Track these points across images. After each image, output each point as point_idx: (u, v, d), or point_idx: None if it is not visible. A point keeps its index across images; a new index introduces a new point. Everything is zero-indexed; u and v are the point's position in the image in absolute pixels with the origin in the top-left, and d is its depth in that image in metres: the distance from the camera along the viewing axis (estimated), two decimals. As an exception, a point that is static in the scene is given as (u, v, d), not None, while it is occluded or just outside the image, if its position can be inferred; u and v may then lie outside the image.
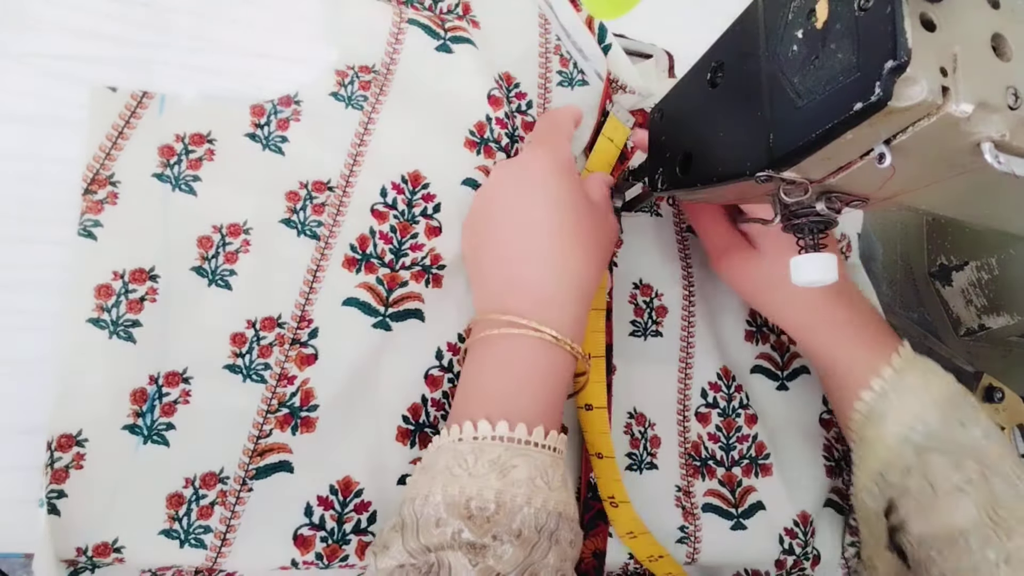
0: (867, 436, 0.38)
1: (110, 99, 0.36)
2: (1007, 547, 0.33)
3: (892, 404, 0.37)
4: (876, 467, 0.38)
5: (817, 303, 0.40)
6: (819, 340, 0.41)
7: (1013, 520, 0.34)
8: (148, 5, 0.39)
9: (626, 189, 0.45)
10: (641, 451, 0.41)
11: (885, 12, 0.21)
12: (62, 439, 0.31)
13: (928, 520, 0.36)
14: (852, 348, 0.40)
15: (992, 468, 0.35)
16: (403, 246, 0.39)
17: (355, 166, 0.40)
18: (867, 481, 0.39)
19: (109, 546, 0.31)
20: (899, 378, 0.38)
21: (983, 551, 0.34)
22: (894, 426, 0.37)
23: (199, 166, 0.37)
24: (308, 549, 0.33)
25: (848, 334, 0.40)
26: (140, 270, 0.35)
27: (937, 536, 0.35)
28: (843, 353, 0.40)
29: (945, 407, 0.37)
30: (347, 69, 0.42)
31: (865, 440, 0.39)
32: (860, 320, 0.40)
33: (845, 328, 0.40)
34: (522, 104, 0.45)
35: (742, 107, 0.28)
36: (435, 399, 0.38)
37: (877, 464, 0.38)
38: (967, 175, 0.25)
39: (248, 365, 0.35)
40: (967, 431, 0.36)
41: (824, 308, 0.40)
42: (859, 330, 0.40)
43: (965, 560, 0.34)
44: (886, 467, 0.37)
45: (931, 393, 0.37)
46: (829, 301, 0.40)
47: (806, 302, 0.40)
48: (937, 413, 0.37)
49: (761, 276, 0.41)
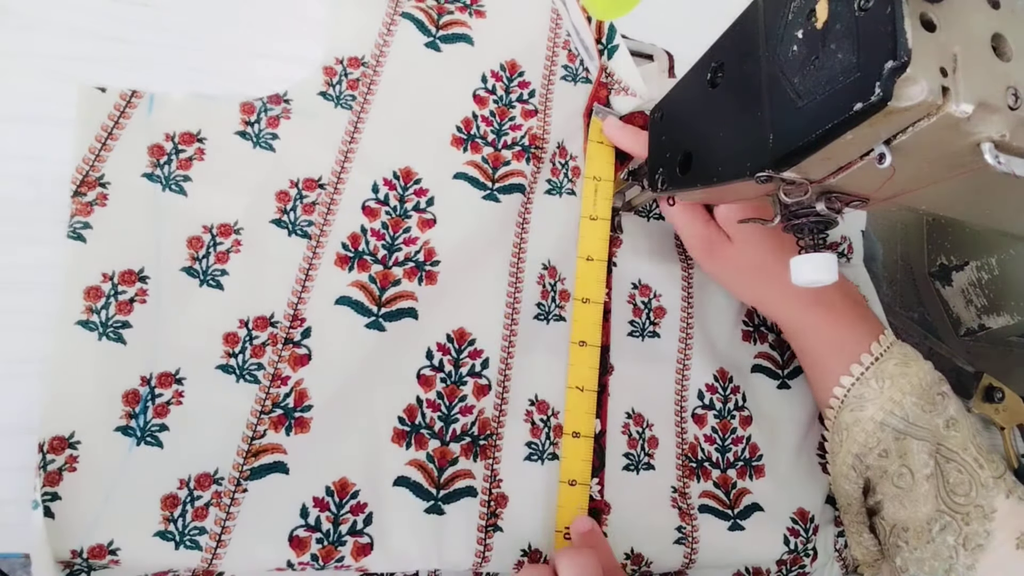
0: (845, 420, 0.39)
1: (99, 99, 0.36)
2: (964, 531, 0.35)
3: (872, 389, 0.38)
4: (854, 451, 0.39)
5: (800, 290, 0.40)
6: (803, 326, 0.41)
7: (970, 506, 0.36)
8: (147, 5, 0.39)
9: (626, 189, 0.44)
10: (639, 451, 0.41)
11: (885, 12, 0.21)
12: (54, 441, 0.31)
13: (904, 506, 0.37)
14: (834, 334, 0.40)
15: (947, 456, 0.37)
16: (396, 241, 0.39)
17: (346, 163, 0.40)
18: (844, 467, 0.39)
19: (104, 548, 0.31)
20: (879, 364, 0.38)
21: (943, 535, 0.36)
22: (873, 411, 0.38)
23: (189, 166, 0.37)
24: (304, 550, 0.33)
25: (830, 320, 0.40)
26: (129, 271, 0.34)
27: (907, 524, 0.37)
28: (825, 338, 0.40)
29: (921, 394, 0.38)
30: (336, 64, 0.42)
31: (843, 425, 0.39)
32: (843, 306, 0.41)
33: (827, 315, 0.41)
34: (524, 93, 0.45)
35: (742, 107, 0.28)
36: (430, 400, 0.37)
37: (855, 448, 0.38)
38: (967, 175, 0.25)
39: (241, 365, 0.35)
40: (931, 419, 0.37)
41: (807, 295, 0.41)
42: (840, 316, 0.40)
43: (929, 548, 0.36)
44: (864, 450, 0.38)
45: (909, 379, 0.38)
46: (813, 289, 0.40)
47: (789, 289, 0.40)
48: (914, 399, 0.37)
49: (738, 265, 0.42)
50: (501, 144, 0.43)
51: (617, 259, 0.45)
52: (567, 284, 0.43)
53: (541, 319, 0.41)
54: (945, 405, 0.38)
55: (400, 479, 0.36)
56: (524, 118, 0.44)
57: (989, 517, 0.35)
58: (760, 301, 0.43)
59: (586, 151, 0.44)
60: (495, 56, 0.45)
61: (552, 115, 0.45)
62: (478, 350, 0.39)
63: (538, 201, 0.43)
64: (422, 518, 0.35)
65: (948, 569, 0.36)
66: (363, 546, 0.34)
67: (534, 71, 0.46)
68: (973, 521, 0.35)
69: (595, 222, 0.43)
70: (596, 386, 0.40)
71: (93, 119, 0.36)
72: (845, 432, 0.39)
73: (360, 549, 0.34)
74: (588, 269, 0.42)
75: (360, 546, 0.34)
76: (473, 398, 0.38)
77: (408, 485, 0.36)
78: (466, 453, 0.37)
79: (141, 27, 0.39)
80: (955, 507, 0.36)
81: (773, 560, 0.41)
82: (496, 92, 0.45)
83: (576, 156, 0.45)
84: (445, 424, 0.37)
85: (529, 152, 0.43)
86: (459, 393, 0.38)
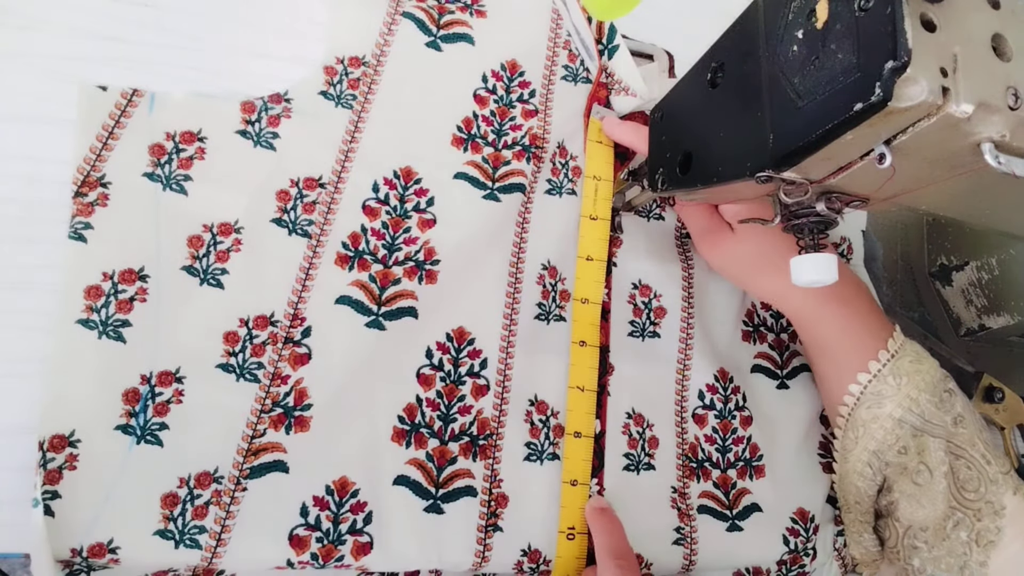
0: (862, 417, 0.39)
1: (100, 98, 0.36)
2: (976, 527, 0.35)
3: (889, 386, 0.38)
4: (872, 447, 0.38)
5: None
6: (818, 317, 0.41)
7: (981, 502, 0.36)
8: (147, 5, 0.39)
9: (626, 189, 0.44)
10: (639, 452, 0.41)
11: (885, 12, 0.21)
12: (55, 440, 0.31)
13: (921, 505, 0.37)
14: (851, 327, 0.40)
15: (956, 452, 0.37)
16: (396, 241, 0.39)
17: (347, 162, 0.40)
18: (859, 464, 0.39)
19: (104, 547, 0.31)
20: (895, 361, 0.38)
21: (956, 532, 0.36)
22: (892, 407, 0.37)
23: (190, 165, 0.37)
24: (303, 549, 0.33)
25: (846, 314, 0.40)
26: (130, 270, 0.35)
27: (926, 524, 0.37)
28: (840, 332, 0.40)
29: (933, 391, 0.38)
30: (336, 64, 0.42)
31: (859, 421, 0.39)
32: (858, 301, 0.41)
33: (843, 308, 0.40)
34: (524, 93, 0.45)
35: (742, 107, 0.28)
36: (429, 399, 0.38)
37: (873, 444, 0.38)
38: (967, 175, 0.25)
39: (241, 364, 0.35)
40: (943, 416, 0.37)
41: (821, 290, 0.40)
42: (856, 311, 0.40)
43: (944, 545, 0.36)
44: (882, 447, 0.38)
45: (923, 377, 0.38)
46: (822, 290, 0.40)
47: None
48: (928, 396, 0.37)
49: (740, 257, 0.42)
50: (501, 144, 0.43)
51: (617, 259, 0.45)
52: (567, 284, 0.43)
53: (542, 319, 0.41)
54: (952, 403, 0.38)
55: (400, 478, 0.36)
56: (524, 118, 0.44)
57: (999, 513, 0.35)
58: (771, 292, 0.42)
59: (586, 151, 0.44)
60: (496, 56, 0.45)
61: (552, 115, 0.45)
62: (477, 350, 0.39)
63: (538, 201, 0.43)
64: (421, 517, 0.35)
65: (963, 566, 0.36)
66: (363, 545, 0.34)
67: (535, 71, 0.46)
68: (984, 517, 0.36)
69: (595, 222, 0.43)
70: (596, 386, 0.40)
71: (94, 118, 0.36)
72: (862, 429, 0.39)
73: (360, 548, 0.34)
74: (588, 269, 0.42)
75: (360, 545, 0.34)
76: (471, 398, 0.38)
77: (408, 484, 0.36)
78: (465, 453, 0.37)
79: (141, 27, 0.39)
80: (966, 503, 0.36)
81: (773, 560, 0.41)
82: (497, 92, 0.45)
83: (576, 156, 0.45)
84: (444, 423, 0.37)
85: (529, 152, 0.43)
86: (458, 393, 0.38)
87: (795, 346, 0.48)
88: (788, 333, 0.48)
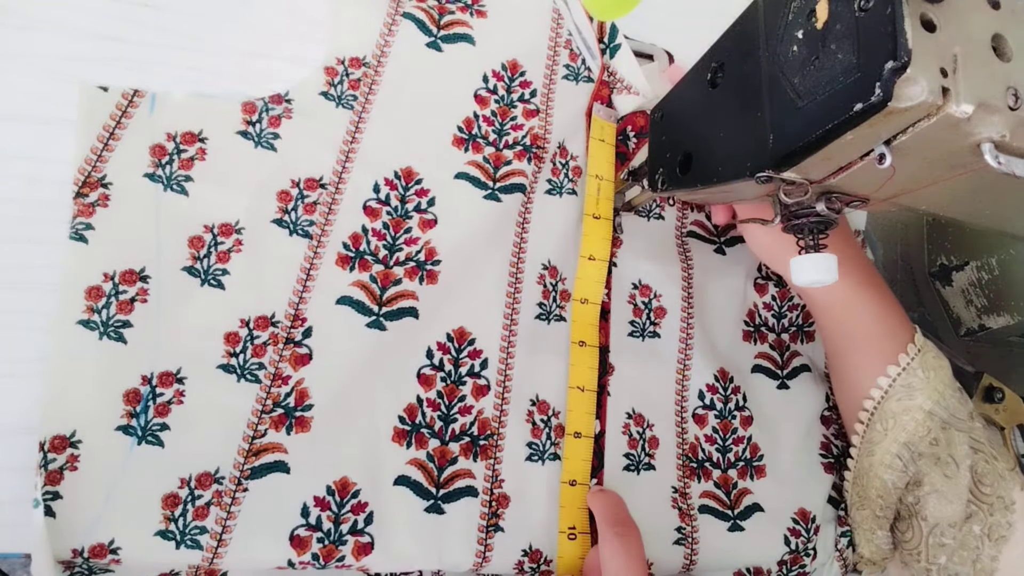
0: (892, 409, 0.39)
1: (101, 98, 0.36)
2: (989, 521, 0.36)
3: (919, 378, 0.38)
4: (902, 439, 0.38)
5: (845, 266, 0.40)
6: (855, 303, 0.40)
7: (994, 496, 0.36)
8: (147, 5, 0.39)
9: (626, 189, 0.44)
10: (639, 452, 0.41)
11: (885, 12, 0.21)
12: (55, 440, 0.31)
13: (949, 500, 0.37)
14: (885, 316, 0.40)
15: (975, 447, 0.37)
16: (397, 241, 0.39)
17: (347, 163, 0.40)
18: (888, 456, 0.39)
19: (105, 547, 0.31)
20: (923, 355, 0.39)
21: (969, 525, 0.36)
22: (922, 399, 0.38)
23: (191, 166, 0.37)
24: (304, 549, 0.33)
25: (882, 303, 0.40)
26: (130, 271, 0.35)
27: (953, 520, 0.37)
28: (874, 320, 0.40)
29: (952, 386, 0.38)
30: (337, 64, 0.42)
31: (889, 413, 0.39)
32: (886, 291, 0.41)
33: (878, 295, 0.40)
34: (525, 93, 0.45)
35: (742, 107, 0.28)
36: (430, 399, 0.38)
37: (904, 436, 0.38)
38: (967, 175, 0.25)
39: (242, 365, 0.35)
40: (964, 410, 0.38)
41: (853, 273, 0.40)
42: (889, 301, 0.41)
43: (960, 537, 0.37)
44: (914, 439, 0.38)
45: (946, 371, 0.38)
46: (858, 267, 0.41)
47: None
48: (951, 391, 0.38)
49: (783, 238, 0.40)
50: (502, 144, 0.43)
51: (617, 259, 0.45)
52: (567, 284, 0.43)
53: (542, 319, 0.41)
54: (965, 398, 0.39)
55: (400, 478, 0.36)
56: (525, 118, 0.44)
57: (1010, 508, 0.36)
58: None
59: (588, 150, 0.44)
60: (496, 56, 0.45)
61: (554, 115, 0.45)
62: (477, 350, 0.39)
63: (538, 201, 0.43)
64: (422, 517, 0.35)
65: (975, 559, 0.36)
66: (364, 545, 0.34)
67: (536, 71, 0.46)
68: (996, 512, 0.36)
69: (598, 221, 0.43)
70: (596, 386, 0.40)
71: (95, 118, 0.36)
72: (891, 420, 0.38)
73: (361, 548, 0.34)
74: (589, 269, 0.42)
75: (361, 545, 0.34)
76: (472, 398, 0.38)
77: (408, 484, 0.36)
78: (465, 453, 0.37)
79: (141, 27, 0.39)
80: (982, 497, 0.36)
81: (774, 560, 0.41)
82: (497, 92, 0.45)
83: (577, 156, 0.45)
84: (445, 424, 0.37)
85: (530, 152, 0.44)
86: (459, 393, 0.38)
87: (795, 346, 0.48)
88: (789, 333, 0.48)
